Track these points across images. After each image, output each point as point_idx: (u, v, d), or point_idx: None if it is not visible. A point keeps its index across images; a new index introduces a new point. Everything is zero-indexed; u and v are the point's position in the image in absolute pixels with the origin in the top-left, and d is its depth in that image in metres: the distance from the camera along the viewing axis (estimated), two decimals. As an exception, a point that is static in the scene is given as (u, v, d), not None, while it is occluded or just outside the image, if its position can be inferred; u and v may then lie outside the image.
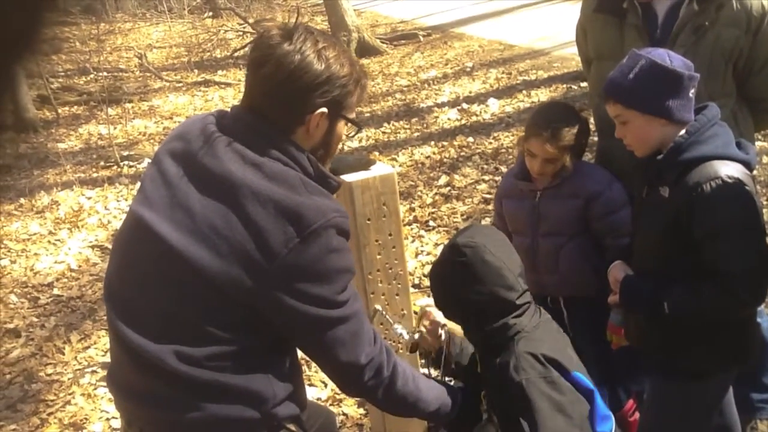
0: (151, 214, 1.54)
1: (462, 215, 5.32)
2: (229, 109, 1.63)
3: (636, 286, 1.97)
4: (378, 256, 2.27)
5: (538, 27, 11.40)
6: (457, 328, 1.99)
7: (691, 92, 1.87)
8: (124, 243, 1.63)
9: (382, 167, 2.27)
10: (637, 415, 2.53)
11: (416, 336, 2.13)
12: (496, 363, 1.81)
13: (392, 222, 2.27)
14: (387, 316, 2.26)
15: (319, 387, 3.63)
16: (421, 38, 13.11)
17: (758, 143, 4.72)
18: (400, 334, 2.18)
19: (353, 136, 1.65)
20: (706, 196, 1.78)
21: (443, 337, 2.08)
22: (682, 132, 1.86)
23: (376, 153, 7.08)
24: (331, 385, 3.60)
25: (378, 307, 2.28)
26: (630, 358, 2.28)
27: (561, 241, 2.44)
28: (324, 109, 1.56)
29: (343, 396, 3.52)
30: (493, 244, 1.87)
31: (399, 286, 2.32)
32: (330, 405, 3.46)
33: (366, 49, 12.74)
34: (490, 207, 5.31)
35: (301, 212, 1.48)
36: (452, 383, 2.02)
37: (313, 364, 3.73)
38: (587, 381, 1.81)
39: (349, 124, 1.66)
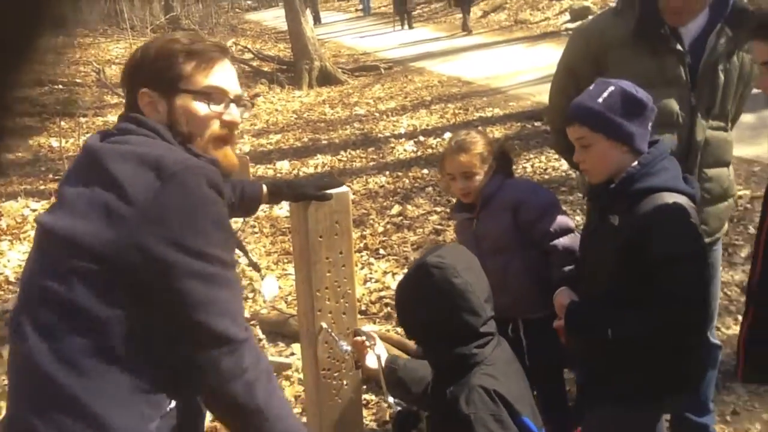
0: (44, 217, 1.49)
1: (412, 245, 5.37)
2: None
3: (581, 311, 2.01)
4: (328, 274, 2.28)
5: (496, 66, 11.69)
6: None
7: (649, 124, 1.96)
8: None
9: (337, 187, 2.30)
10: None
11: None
12: (447, 391, 1.77)
13: (344, 240, 2.29)
14: (333, 334, 2.27)
15: None
16: (382, 70, 13.30)
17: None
18: (346, 351, 2.19)
19: (223, 107, 1.60)
20: (658, 225, 1.84)
21: (369, 362, 2.07)
22: (635, 163, 1.93)
23: (332, 179, 7.11)
24: None
25: (324, 324, 2.29)
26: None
27: (506, 258, 2.48)
28: (145, 89, 1.55)
29: None
30: (463, 265, 1.81)
31: (347, 305, 2.34)
32: None
33: (327, 78, 12.88)
34: (441, 238, 5.38)
35: (162, 160, 1.41)
36: (398, 405, 2.01)
37: None
38: (534, 427, 1.79)
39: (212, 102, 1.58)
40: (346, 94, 11.71)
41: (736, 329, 3.41)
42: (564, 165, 6.32)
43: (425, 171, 6.94)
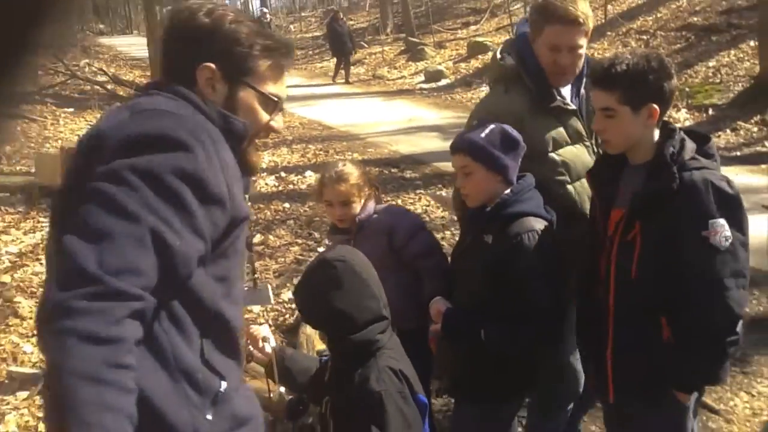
0: None
1: (274, 272, 5.49)
2: None
3: (456, 317, 2.27)
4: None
5: (355, 115, 12.15)
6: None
7: (520, 160, 2.27)
8: None
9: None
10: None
11: (251, 347, 2.27)
12: (355, 374, 1.94)
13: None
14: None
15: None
16: (243, 107, 13.37)
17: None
18: (236, 346, 2.31)
19: (273, 115, 1.55)
20: (525, 244, 2.15)
21: (267, 349, 2.20)
22: (507, 191, 2.24)
23: (191, 206, 7.10)
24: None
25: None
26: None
27: (381, 276, 2.70)
28: (211, 64, 1.46)
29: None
30: (360, 260, 2.05)
31: (235, 304, 2.46)
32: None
33: (186, 109, 12.73)
34: (302, 267, 5.55)
35: (140, 101, 1.38)
36: (283, 390, 2.15)
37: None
38: (424, 398, 2.04)
39: (264, 102, 1.53)
40: (206, 127, 11.67)
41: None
42: (419, 208, 6.75)
43: (287, 205, 7.11)
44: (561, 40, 2.38)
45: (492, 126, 2.24)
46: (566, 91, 2.56)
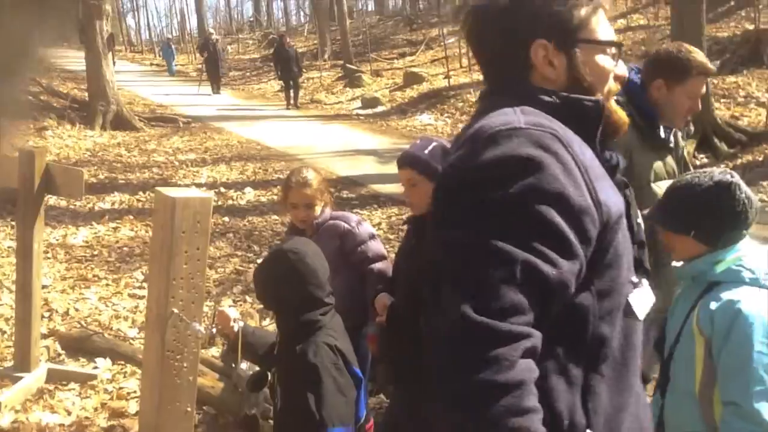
0: None
1: (215, 282, 5.67)
2: None
3: (399, 309, 2.57)
4: (184, 266, 2.62)
5: (293, 137, 12.40)
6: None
7: None
8: None
9: (200, 192, 2.69)
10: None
11: (213, 330, 2.52)
12: (297, 348, 2.22)
13: (201, 238, 2.65)
14: (183, 317, 2.60)
15: (61, 414, 3.64)
16: (181, 124, 13.45)
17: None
18: (198, 330, 2.54)
19: (617, 60, 1.35)
20: None
21: (236, 328, 2.47)
22: None
23: (131, 217, 7.18)
24: (77, 411, 3.65)
25: (175, 310, 2.62)
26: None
27: (330, 276, 3.00)
28: (541, 41, 1.27)
29: (90, 422, 3.59)
30: (312, 252, 2.34)
31: (196, 295, 2.67)
32: None
33: (122, 123, 12.76)
34: (242, 277, 5.75)
35: (482, 125, 1.21)
36: (246, 366, 2.40)
37: (60, 391, 3.76)
38: (359, 371, 2.33)
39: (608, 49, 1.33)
40: (143, 141, 11.69)
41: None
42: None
43: (226, 219, 7.29)
44: (701, 89, 2.70)
45: (434, 143, 2.57)
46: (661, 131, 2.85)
